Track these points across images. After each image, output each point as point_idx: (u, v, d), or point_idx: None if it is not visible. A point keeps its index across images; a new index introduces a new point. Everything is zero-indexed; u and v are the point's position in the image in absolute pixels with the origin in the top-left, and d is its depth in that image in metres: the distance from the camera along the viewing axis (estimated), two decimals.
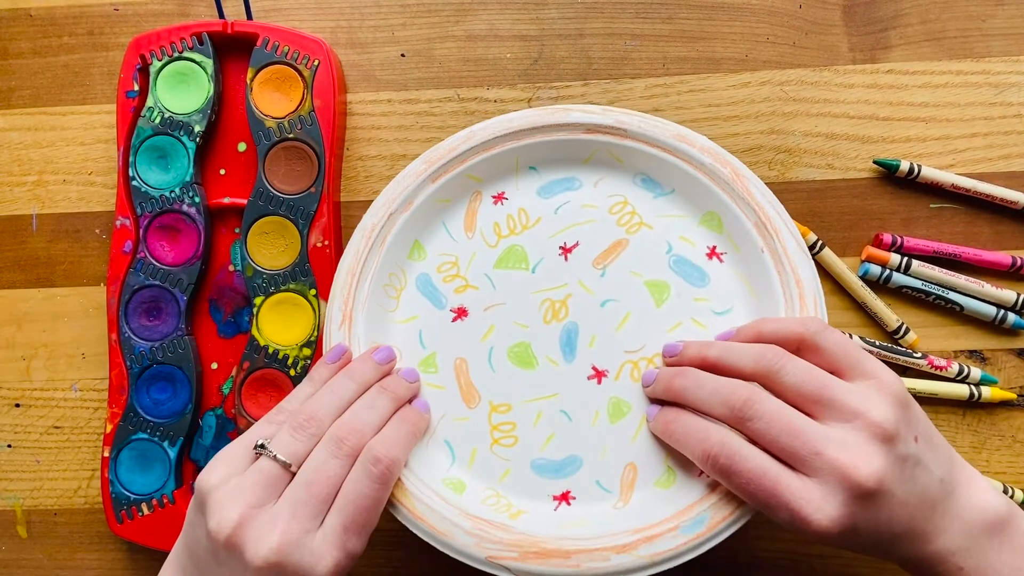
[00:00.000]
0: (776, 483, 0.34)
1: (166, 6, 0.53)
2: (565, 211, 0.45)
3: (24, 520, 0.51)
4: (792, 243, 0.41)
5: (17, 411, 0.51)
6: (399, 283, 0.44)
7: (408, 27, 0.52)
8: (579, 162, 0.45)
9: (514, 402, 0.42)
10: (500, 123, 0.44)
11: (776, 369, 0.35)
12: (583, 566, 0.37)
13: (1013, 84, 0.50)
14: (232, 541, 0.34)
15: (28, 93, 0.53)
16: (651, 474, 0.40)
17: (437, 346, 0.43)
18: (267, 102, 0.49)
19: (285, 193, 0.48)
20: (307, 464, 0.36)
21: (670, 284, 0.43)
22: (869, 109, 0.50)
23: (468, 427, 0.42)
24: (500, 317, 0.43)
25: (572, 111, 0.44)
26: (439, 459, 0.41)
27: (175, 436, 0.48)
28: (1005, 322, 0.48)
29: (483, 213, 0.45)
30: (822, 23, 0.51)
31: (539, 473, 0.41)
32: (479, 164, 0.44)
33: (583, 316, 0.43)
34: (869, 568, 0.48)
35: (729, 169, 0.43)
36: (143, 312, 0.49)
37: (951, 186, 0.49)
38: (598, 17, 0.51)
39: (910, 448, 0.34)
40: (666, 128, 0.44)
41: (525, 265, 0.44)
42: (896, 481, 0.33)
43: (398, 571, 0.49)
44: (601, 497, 0.40)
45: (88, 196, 0.52)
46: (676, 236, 0.44)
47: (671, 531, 0.37)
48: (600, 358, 0.42)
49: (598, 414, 0.41)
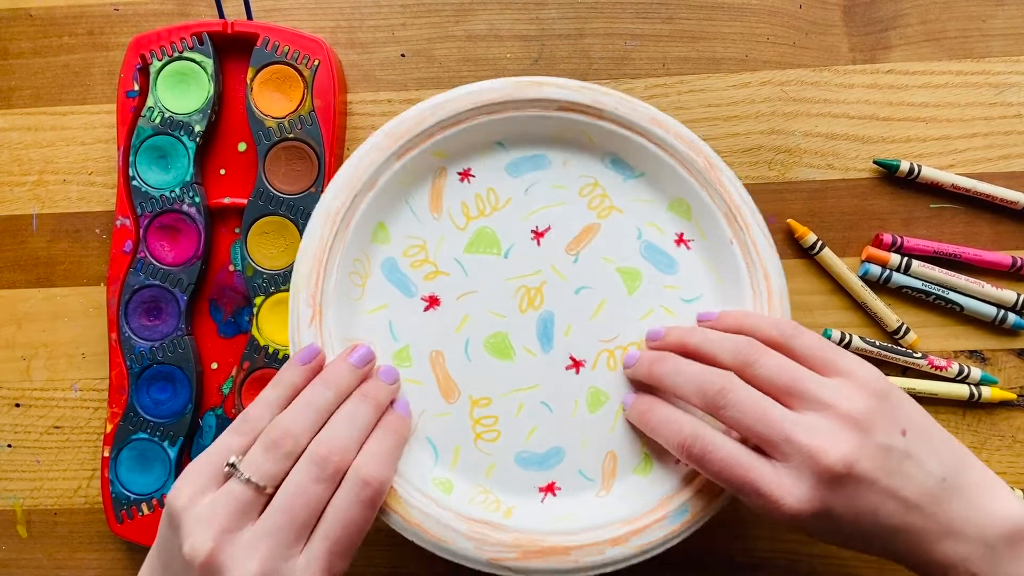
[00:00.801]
0: (748, 469, 0.35)
1: (166, 6, 0.53)
2: (535, 192, 0.43)
3: (24, 520, 0.51)
4: (762, 238, 0.42)
5: (17, 411, 0.51)
6: (363, 270, 0.41)
7: (408, 27, 0.52)
8: (547, 139, 0.44)
9: (494, 395, 0.41)
10: (468, 95, 0.42)
11: (751, 362, 0.36)
12: (581, 561, 0.37)
13: (1013, 84, 0.50)
14: (208, 567, 0.32)
15: (28, 93, 0.53)
16: (630, 462, 0.41)
17: (410, 338, 0.41)
18: (267, 102, 0.49)
19: (285, 193, 0.48)
20: (286, 488, 0.34)
21: (641, 271, 0.43)
22: (869, 109, 0.50)
23: (450, 423, 0.41)
24: (475, 306, 0.42)
25: (546, 85, 0.42)
26: (423, 459, 0.40)
27: (175, 436, 0.48)
28: (1005, 322, 0.48)
29: (449, 191, 0.43)
30: (822, 23, 0.51)
31: (524, 466, 0.41)
32: (444, 140, 0.42)
33: (558, 304, 0.42)
34: (870, 568, 0.48)
35: (703, 159, 0.43)
36: (143, 312, 0.49)
37: (951, 186, 0.49)
38: (598, 17, 0.51)
39: (893, 440, 0.35)
40: (643, 111, 0.43)
41: (497, 250, 0.43)
42: (876, 469, 0.34)
43: (397, 571, 0.49)
44: (584, 487, 0.41)
45: (88, 196, 0.52)
46: (645, 222, 0.44)
47: (658, 521, 0.38)
48: (577, 348, 0.42)
49: (577, 404, 0.41)
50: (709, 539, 0.49)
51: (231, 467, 0.34)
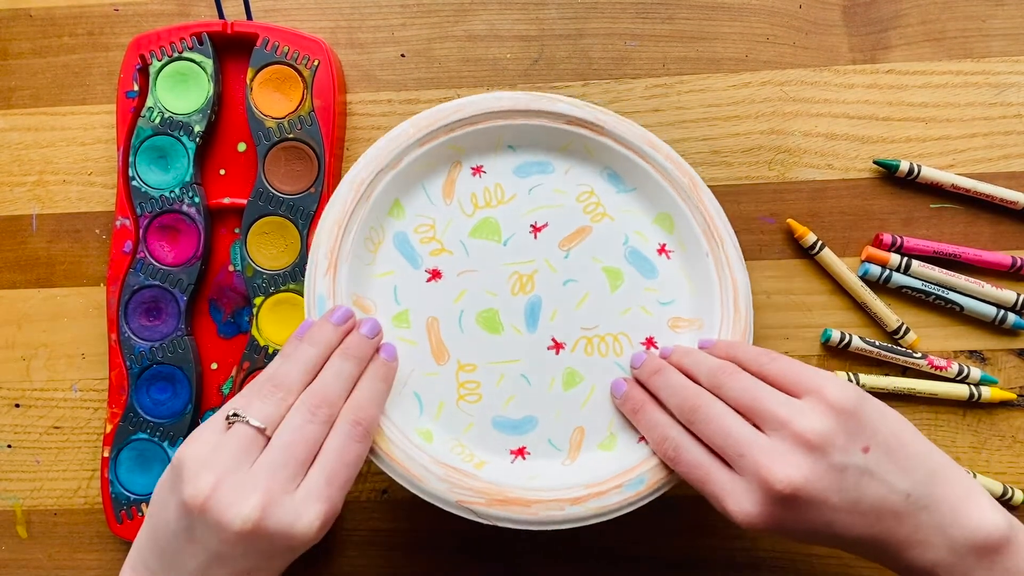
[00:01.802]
0: (708, 474, 0.38)
1: (166, 6, 0.53)
2: (537, 192, 0.48)
3: (24, 520, 0.51)
4: (733, 251, 0.47)
5: (17, 411, 0.51)
6: (377, 238, 0.46)
7: (408, 27, 0.52)
8: (555, 149, 0.48)
9: (480, 363, 0.45)
10: (488, 100, 0.46)
11: (719, 384, 0.40)
12: (540, 514, 0.41)
13: (1013, 84, 0.50)
14: (208, 505, 0.33)
15: (28, 93, 0.53)
16: (596, 438, 0.45)
17: (411, 303, 0.45)
18: (267, 102, 0.49)
19: (285, 193, 0.48)
20: (283, 427, 0.36)
21: (624, 273, 0.47)
22: (869, 109, 0.50)
23: (436, 382, 0.45)
24: (472, 283, 0.46)
25: (559, 101, 0.47)
26: (410, 409, 0.44)
27: (175, 436, 0.48)
28: (1005, 322, 0.48)
29: (461, 182, 0.47)
30: (822, 23, 0.51)
31: (499, 429, 0.45)
32: (463, 136, 0.46)
33: (547, 291, 0.46)
34: (870, 569, 0.48)
35: (688, 179, 0.47)
36: (143, 312, 0.49)
37: (951, 186, 0.49)
38: (598, 17, 0.51)
39: (851, 458, 0.36)
40: (639, 133, 0.47)
41: (498, 238, 0.47)
42: (825, 490, 0.35)
43: (397, 571, 0.49)
44: (552, 454, 0.45)
45: (88, 196, 0.52)
46: (632, 230, 0.48)
47: (616, 488, 0.42)
48: (559, 331, 0.46)
49: (554, 381, 0.46)
50: (709, 539, 0.49)
51: (233, 415, 0.36)
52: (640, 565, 0.49)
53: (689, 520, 0.49)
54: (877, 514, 0.36)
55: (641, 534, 0.49)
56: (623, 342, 0.46)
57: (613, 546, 0.49)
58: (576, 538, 0.49)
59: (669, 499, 0.49)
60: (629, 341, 0.46)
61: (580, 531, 0.46)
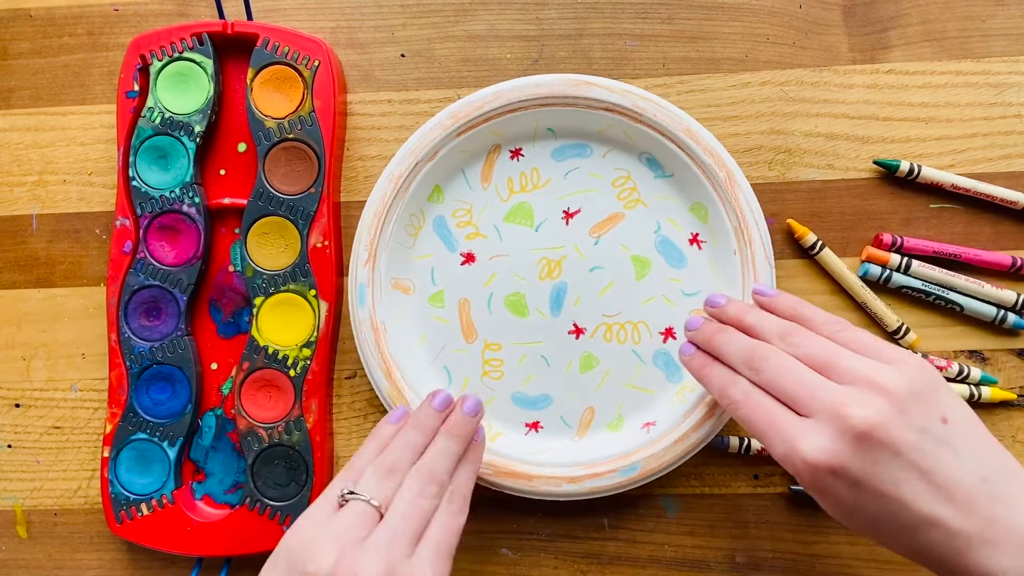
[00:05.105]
0: (775, 416, 0.37)
1: (166, 6, 0.53)
2: (573, 176, 0.49)
3: (24, 520, 0.51)
4: (761, 254, 0.47)
5: (17, 411, 0.51)
6: (418, 223, 0.49)
7: (408, 27, 0.52)
8: (594, 132, 0.49)
9: (505, 343, 0.49)
10: (525, 88, 0.48)
11: (795, 343, 0.38)
12: (539, 488, 0.46)
13: (1013, 84, 0.50)
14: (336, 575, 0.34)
15: (28, 93, 0.53)
16: (605, 418, 0.49)
17: (445, 284, 0.49)
18: (267, 102, 0.49)
19: (285, 193, 0.48)
20: (398, 500, 0.38)
21: (652, 261, 0.49)
22: (869, 109, 0.50)
23: (464, 358, 0.49)
24: (502, 267, 0.49)
25: (595, 87, 0.48)
26: (438, 382, 0.49)
27: (175, 436, 0.48)
28: (1005, 322, 0.48)
29: (500, 166, 0.50)
30: (822, 23, 0.51)
31: (517, 404, 0.49)
32: (502, 123, 0.48)
33: (573, 278, 0.49)
34: (870, 569, 0.48)
35: (724, 172, 0.47)
36: (143, 312, 0.49)
37: (951, 186, 0.49)
38: (598, 17, 0.51)
39: (931, 424, 0.34)
40: (679, 122, 0.47)
41: (530, 223, 0.49)
42: (902, 441, 0.33)
43: None
44: (563, 431, 0.49)
45: (88, 196, 0.52)
46: (666, 218, 0.49)
47: (611, 472, 0.46)
48: (581, 317, 0.49)
49: (571, 363, 0.49)
50: (709, 539, 0.49)
51: (349, 493, 0.38)
52: (640, 565, 0.49)
53: (689, 520, 0.49)
54: (949, 492, 0.33)
55: (641, 534, 0.49)
56: (642, 331, 0.49)
57: (613, 546, 0.49)
58: (577, 538, 0.49)
59: (669, 499, 0.49)
60: (648, 330, 0.49)
61: (580, 531, 0.46)
